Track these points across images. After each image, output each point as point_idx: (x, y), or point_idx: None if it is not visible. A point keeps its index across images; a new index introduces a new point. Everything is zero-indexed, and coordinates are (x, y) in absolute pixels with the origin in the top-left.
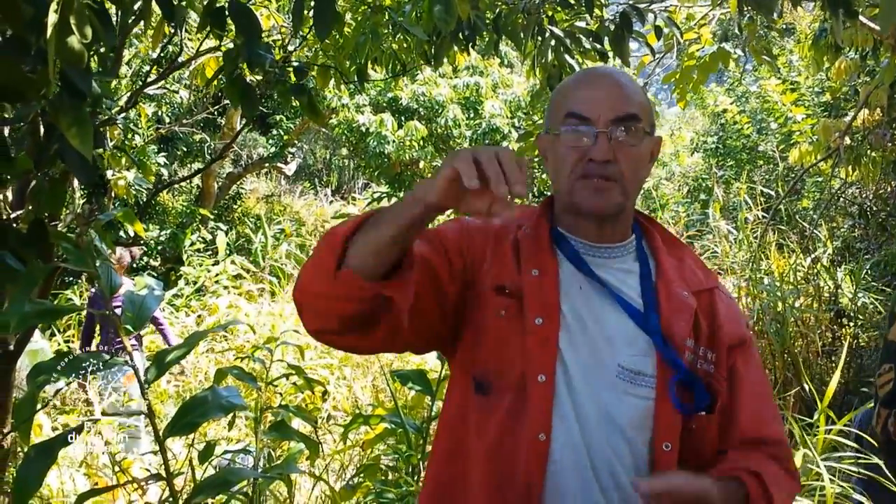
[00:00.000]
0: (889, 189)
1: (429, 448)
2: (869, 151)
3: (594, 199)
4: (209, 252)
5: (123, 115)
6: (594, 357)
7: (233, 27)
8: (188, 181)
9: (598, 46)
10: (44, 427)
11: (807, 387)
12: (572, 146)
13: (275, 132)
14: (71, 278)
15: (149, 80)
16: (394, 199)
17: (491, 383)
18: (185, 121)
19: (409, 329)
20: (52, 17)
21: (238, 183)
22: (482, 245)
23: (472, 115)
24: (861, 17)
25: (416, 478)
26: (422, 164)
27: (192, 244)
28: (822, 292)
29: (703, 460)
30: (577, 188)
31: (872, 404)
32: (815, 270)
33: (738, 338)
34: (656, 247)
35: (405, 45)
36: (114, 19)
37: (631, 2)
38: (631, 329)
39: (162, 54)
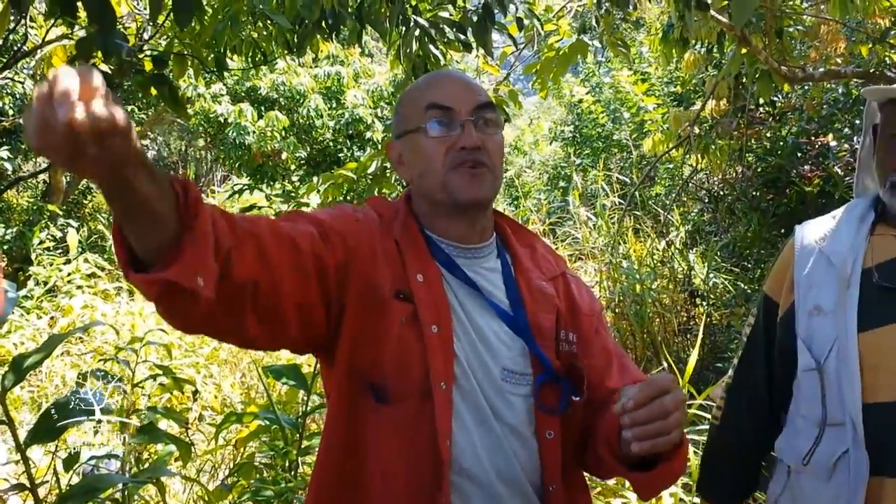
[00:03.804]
0: (735, 175)
1: (306, 443)
2: (716, 140)
3: (471, 186)
4: (60, 250)
5: None
6: (480, 361)
7: (84, 14)
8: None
9: (462, 37)
10: None
11: (666, 364)
12: (439, 138)
13: None
14: None
15: None
16: (255, 192)
17: (389, 390)
18: None
19: (295, 321)
20: None
21: None
22: (369, 241)
23: (334, 105)
24: (711, 11)
25: (293, 473)
26: (284, 155)
27: (41, 242)
28: (676, 274)
29: (582, 435)
30: (451, 179)
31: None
32: (670, 253)
33: (596, 312)
34: (509, 239)
35: (265, 32)
36: None
37: None
38: (506, 331)
39: (4, 43)
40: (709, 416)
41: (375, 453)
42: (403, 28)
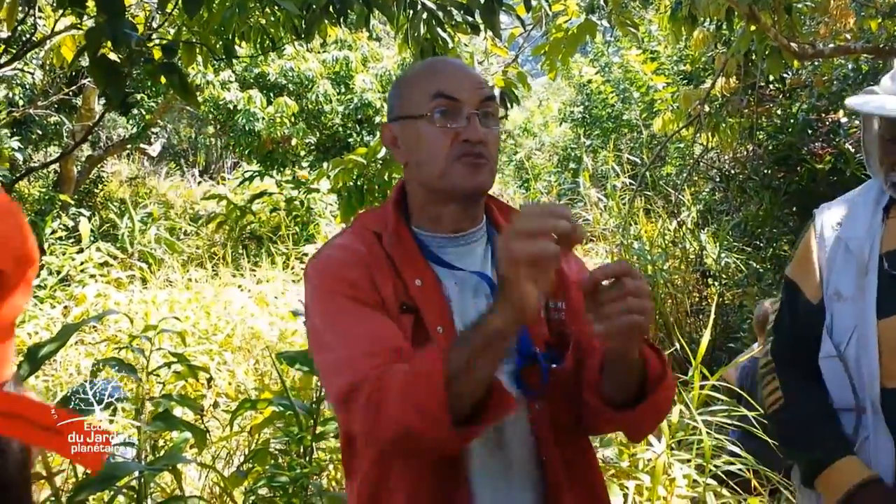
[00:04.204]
0: (746, 153)
1: (320, 429)
2: (727, 118)
3: (471, 177)
4: (72, 240)
5: None
6: None
7: (92, 4)
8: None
9: (470, 19)
10: None
11: (678, 345)
12: (444, 128)
13: (136, 112)
14: None
15: (1, 61)
16: (265, 178)
17: None
18: (39, 103)
19: None
20: None
21: (99, 166)
22: (369, 273)
23: (343, 90)
24: None
25: (308, 459)
26: (294, 142)
27: (53, 232)
28: (688, 254)
29: (573, 401)
30: (453, 170)
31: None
32: (681, 234)
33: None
34: (497, 220)
35: (273, 18)
36: None
37: None
38: None
39: (13, 34)
40: (722, 396)
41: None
42: (411, 11)
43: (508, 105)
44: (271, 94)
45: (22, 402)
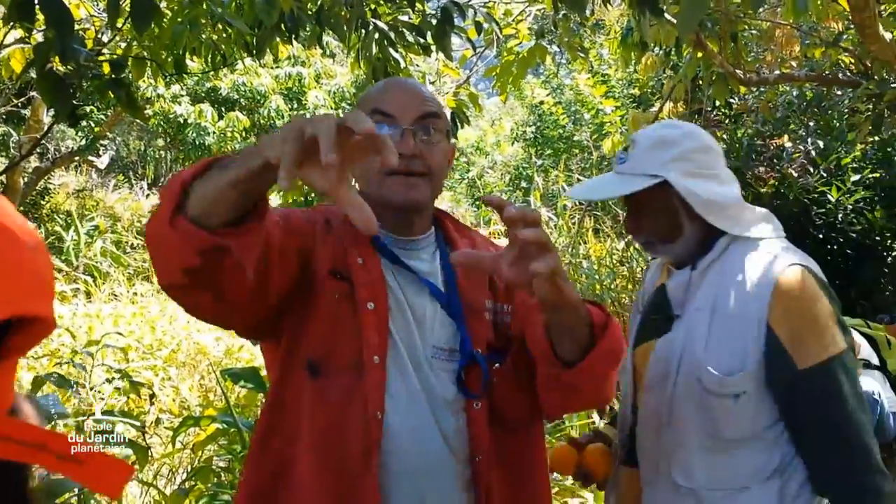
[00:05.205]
0: None
1: None
2: None
3: (404, 193)
4: None
5: None
6: (412, 339)
7: (41, 18)
8: None
9: (421, 40)
10: None
11: None
12: None
13: (84, 124)
14: None
15: None
16: None
17: (322, 365)
18: None
19: (250, 302)
20: None
21: (46, 178)
22: (313, 231)
23: (295, 106)
24: (666, 15)
25: None
26: None
27: None
28: (635, 273)
29: (516, 404)
30: (387, 183)
31: None
32: (629, 254)
33: None
34: (451, 234)
35: (225, 35)
36: None
37: None
38: (440, 312)
39: None
40: None
41: (307, 428)
42: (363, 31)
43: (459, 125)
44: (223, 109)
45: (41, 433)
